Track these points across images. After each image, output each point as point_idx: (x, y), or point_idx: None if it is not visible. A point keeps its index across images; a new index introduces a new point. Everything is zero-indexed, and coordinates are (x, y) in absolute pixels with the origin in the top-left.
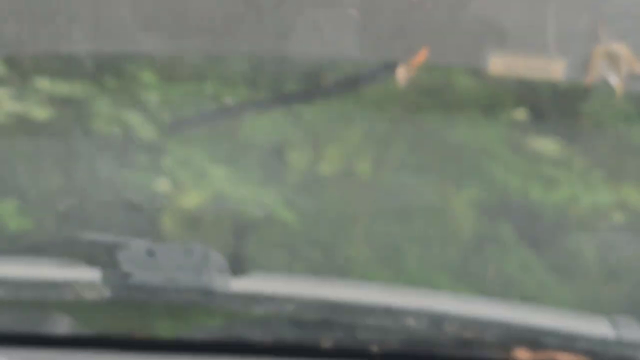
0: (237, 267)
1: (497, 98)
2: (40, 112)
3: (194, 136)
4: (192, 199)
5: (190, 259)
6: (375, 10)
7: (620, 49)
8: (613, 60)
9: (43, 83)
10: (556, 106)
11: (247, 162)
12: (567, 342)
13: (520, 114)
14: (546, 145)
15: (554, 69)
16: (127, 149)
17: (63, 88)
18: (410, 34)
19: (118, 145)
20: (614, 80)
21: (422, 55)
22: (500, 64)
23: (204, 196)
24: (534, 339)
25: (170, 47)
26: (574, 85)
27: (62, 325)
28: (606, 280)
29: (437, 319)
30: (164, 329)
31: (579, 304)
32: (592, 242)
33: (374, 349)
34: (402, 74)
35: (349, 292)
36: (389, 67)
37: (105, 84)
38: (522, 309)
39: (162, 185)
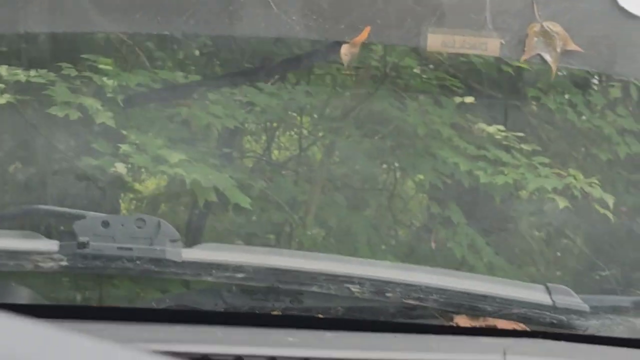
0: (189, 237)
1: (446, 84)
2: None
3: (150, 122)
4: (148, 183)
5: (143, 230)
6: None
7: (555, 26)
8: (548, 37)
9: (0, 69)
10: (503, 92)
11: (202, 147)
12: (504, 308)
13: (469, 99)
14: (493, 130)
15: (490, 46)
16: (84, 134)
17: (21, 74)
18: (352, 13)
19: (76, 131)
20: (549, 57)
21: (364, 34)
22: (437, 41)
23: (159, 180)
24: (473, 305)
25: (125, 30)
26: (520, 70)
27: (20, 294)
28: (552, 262)
29: (380, 286)
30: (119, 298)
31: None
32: (538, 225)
33: (320, 315)
34: (345, 52)
35: (296, 261)
36: (333, 46)
37: (62, 71)
38: (462, 277)
39: (120, 169)
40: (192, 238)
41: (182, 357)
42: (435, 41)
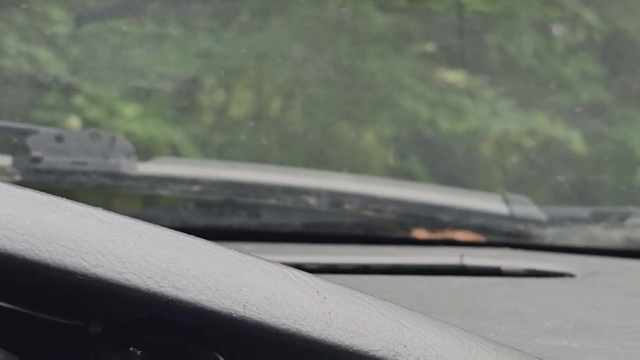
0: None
1: (405, 30)
2: None
3: (104, 74)
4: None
5: (97, 144)
6: None
7: None
8: None
9: None
10: (463, 38)
11: (157, 101)
12: (462, 218)
13: (429, 46)
14: (454, 76)
15: None
16: (37, 86)
17: None
18: None
19: (28, 82)
20: None
21: None
22: None
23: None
24: (431, 217)
25: None
26: (482, 16)
27: None
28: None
29: (337, 198)
30: None
31: None
32: (502, 172)
33: (279, 229)
34: None
35: (253, 174)
36: None
37: (13, 20)
38: (421, 189)
39: (73, 122)
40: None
41: None
42: None
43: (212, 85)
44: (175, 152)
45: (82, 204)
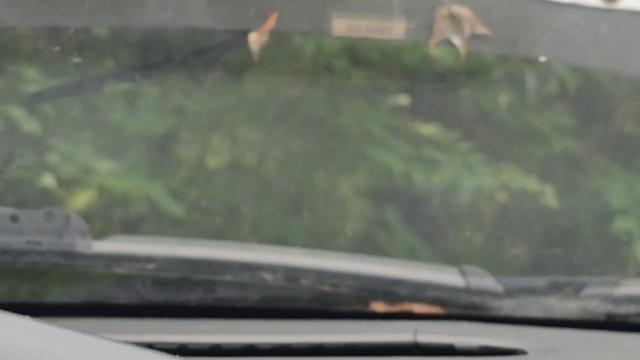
0: (99, 229)
1: (378, 83)
2: None
3: (78, 130)
4: (78, 196)
5: (52, 223)
6: None
7: (463, 10)
8: (456, 21)
9: None
10: (436, 91)
11: (132, 155)
12: (419, 291)
13: (402, 98)
14: (429, 129)
15: (396, 30)
16: (11, 144)
17: None
18: (260, 1)
19: (2, 141)
20: (458, 41)
21: (272, 20)
22: (343, 25)
23: (89, 191)
24: (388, 290)
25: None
26: (454, 70)
27: None
28: (493, 263)
29: (293, 273)
30: (29, 293)
31: None
32: (477, 225)
33: (235, 305)
34: (254, 41)
35: (208, 251)
36: (241, 36)
37: None
38: (376, 262)
39: (48, 180)
40: (99, 223)
41: None
42: (341, 26)
43: (188, 139)
44: (152, 206)
45: (11, 313)
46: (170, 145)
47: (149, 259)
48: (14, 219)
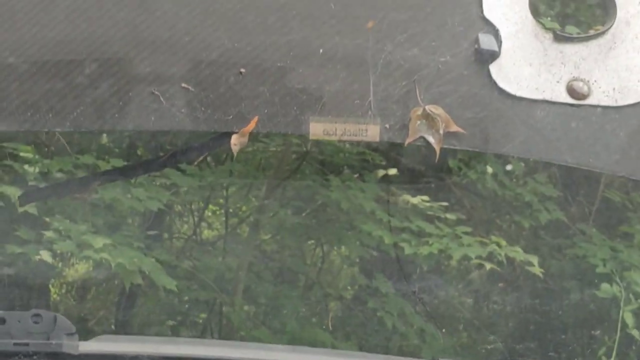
0: (119, 319)
1: (367, 159)
2: None
3: (74, 207)
4: (73, 270)
5: (40, 325)
6: (206, 82)
7: (437, 109)
8: (430, 120)
9: None
10: (425, 163)
11: (127, 231)
12: None
13: (392, 171)
14: (417, 200)
15: (371, 132)
16: (8, 222)
17: None
18: (240, 104)
19: None
20: (432, 140)
21: (252, 124)
22: (319, 129)
23: (84, 266)
24: None
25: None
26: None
27: None
28: (480, 327)
29: None
30: None
31: (457, 351)
32: (464, 291)
33: None
34: (235, 142)
35: (190, 349)
36: (222, 137)
37: None
38: (359, 357)
39: (44, 256)
40: (121, 319)
41: None
42: (317, 129)
43: (181, 213)
44: (145, 278)
45: None
46: (162, 219)
47: (134, 358)
48: (1, 321)
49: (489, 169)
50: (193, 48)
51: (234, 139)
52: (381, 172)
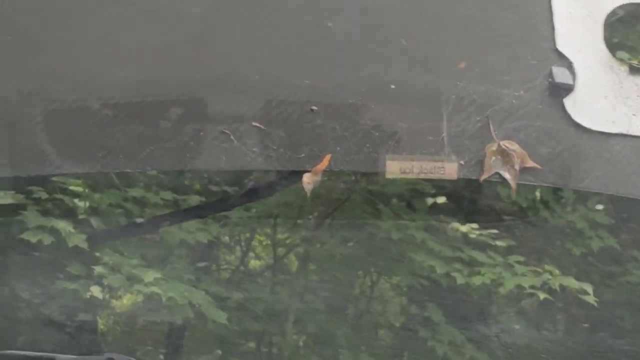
0: (170, 350)
1: (417, 188)
2: None
3: (124, 241)
4: (123, 304)
5: None
6: (277, 121)
7: (512, 145)
8: (505, 156)
9: None
10: (474, 191)
11: (177, 263)
12: None
13: (441, 199)
14: (467, 228)
15: (448, 170)
16: (58, 257)
17: None
18: (312, 143)
19: (49, 254)
20: (508, 175)
21: (325, 162)
22: (396, 167)
23: (135, 300)
24: None
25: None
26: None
27: None
28: (533, 355)
29: None
30: None
31: None
32: (517, 320)
33: None
34: (307, 180)
35: None
36: (293, 175)
37: (34, 194)
38: None
39: (95, 291)
40: (173, 350)
41: None
42: (394, 167)
43: (228, 244)
44: (195, 311)
45: None
46: (213, 251)
47: None
48: None
49: (538, 196)
50: (263, 86)
51: (307, 177)
52: (430, 201)
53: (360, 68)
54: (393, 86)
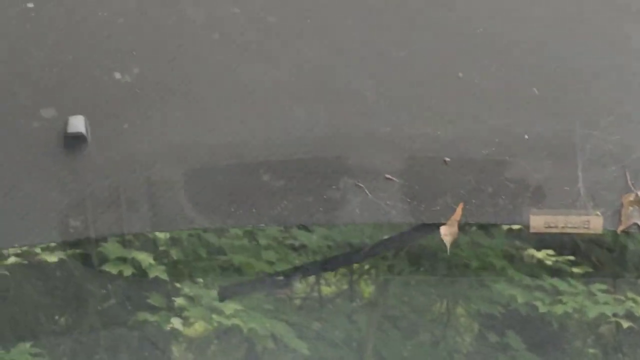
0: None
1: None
2: (50, 256)
3: (204, 271)
4: (204, 333)
5: None
6: (410, 173)
7: None
8: None
9: None
10: None
11: (255, 296)
12: None
13: (515, 226)
14: (543, 254)
15: (593, 224)
16: (139, 289)
17: None
18: (446, 194)
19: (129, 286)
20: None
21: (459, 211)
22: (540, 221)
23: (216, 331)
24: None
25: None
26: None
27: None
28: None
29: None
30: None
31: None
32: (599, 347)
33: None
34: (445, 233)
35: None
36: (426, 228)
37: None
38: None
39: (176, 324)
40: None
41: None
42: (538, 222)
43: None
44: (276, 342)
45: None
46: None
47: None
48: None
49: None
50: (395, 139)
51: (444, 230)
52: (506, 226)
53: (493, 118)
54: (527, 136)
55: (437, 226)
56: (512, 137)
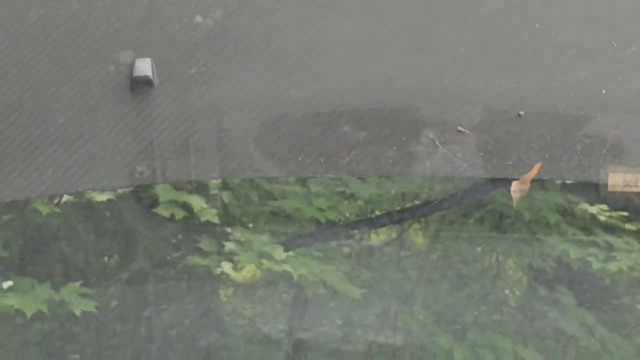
0: (294, 325)
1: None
2: (101, 196)
3: (255, 217)
4: (253, 278)
5: None
6: (482, 126)
7: None
8: None
9: None
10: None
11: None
12: None
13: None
14: (597, 210)
15: None
16: (189, 233)
17: None
18: (520, 149)
19: (180, 229)
20: None
21: (534, 170)
22: (619, 180)
23: (265, 275)
24: None
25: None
26: None
27: None
28: None
29: None
30: None
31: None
32: None
33: None
34: (515, 189)
35: None
36: (497, 182)
37: None
38: None
39: (226, 269)
40: (298, 325)
41: None
42: (616, 180)
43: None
44: (326, 288)
45: None
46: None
47: None
48: None
49: None
50: (469, 90)
51: (515, 185)
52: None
53: (569, 72)
54: (604, 91)
55: (508, 181)
56: (589, 92)
